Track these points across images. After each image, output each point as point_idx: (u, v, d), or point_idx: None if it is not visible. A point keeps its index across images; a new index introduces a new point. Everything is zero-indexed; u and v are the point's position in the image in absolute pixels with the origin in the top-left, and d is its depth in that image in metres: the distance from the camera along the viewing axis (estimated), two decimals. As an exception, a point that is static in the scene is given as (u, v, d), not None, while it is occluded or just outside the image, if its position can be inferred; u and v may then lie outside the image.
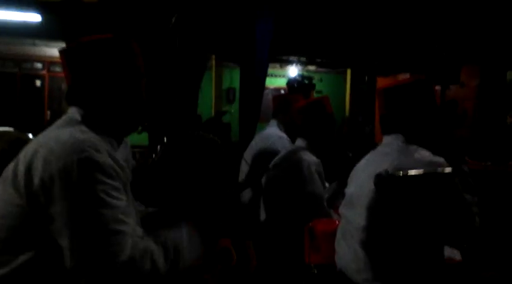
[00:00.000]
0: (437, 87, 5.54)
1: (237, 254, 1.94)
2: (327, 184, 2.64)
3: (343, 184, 1.98)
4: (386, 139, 1.79)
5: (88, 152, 1.01)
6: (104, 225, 0.98)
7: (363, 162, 1.91)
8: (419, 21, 6.80)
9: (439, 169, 1.24)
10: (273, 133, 3.17)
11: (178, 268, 1.10)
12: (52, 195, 0.99)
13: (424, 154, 1.65)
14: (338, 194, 2.47)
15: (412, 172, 1.18)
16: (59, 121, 1.16)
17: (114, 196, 1.03)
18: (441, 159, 1.65)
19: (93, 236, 0.98)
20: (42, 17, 6.72)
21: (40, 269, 1.01)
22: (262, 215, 2.56)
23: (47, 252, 1.01)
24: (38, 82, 8.73)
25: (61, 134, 1.07)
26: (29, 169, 1.01)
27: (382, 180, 1.13)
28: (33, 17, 6.72)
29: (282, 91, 9.37)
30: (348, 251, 1.77)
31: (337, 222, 2.07)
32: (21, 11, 6.51)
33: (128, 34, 1.31)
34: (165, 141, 1.94)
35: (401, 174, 1.14)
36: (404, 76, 7.73)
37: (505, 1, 5.73)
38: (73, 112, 1.17)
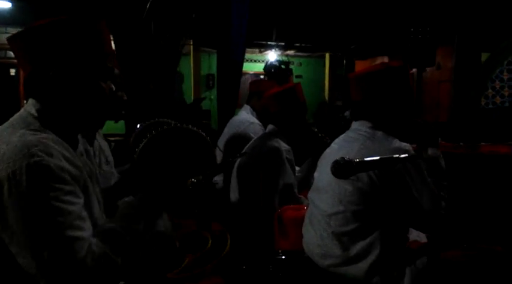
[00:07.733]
0: (414, 70, 5.56)
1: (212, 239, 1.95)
2: (297, 168, 2.66)
3: (317, 159, 1.98)
4: (354, 125, 1.81)
5: (38, 157, 0.95)
6: (60, 233, 0.94)
7: (331, 147, 1.92)
8: (395, 3, 6.82)
9: (395, 155, 1.24)
10: (244, 119, 3.17)
11: (136, 252, 1.08)
12: (1, 202, 0.94)
13: (391, 140, 1.67)
14: (313, 169, 2.49)
15: (368, 158, 1.18)
16: (14, 118, 1.08)
17: (68, 202, 0.98)
18: (407, 146, 1.66)
19: (49, 245, 0.93)
20: (12, 4, 6.56)
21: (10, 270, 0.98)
22: (232, 200, 2.57)
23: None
24: (13, 71, 8.52)
25: (12, 135, 1.00)
26: None
27: (338, 167, 1.13)
28: (4, 4, 6.57)
29: (261, 77, 9.31)
30: (314, 236, 1.79)
31: (305, 208, 2.08)
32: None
33: (101, 19, 1.20)
34: (139, 127, 1.87)
35: (357, 161, 1.14)
36: (382, 60, 7.77)
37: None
38: (30, 106, 1.09)
